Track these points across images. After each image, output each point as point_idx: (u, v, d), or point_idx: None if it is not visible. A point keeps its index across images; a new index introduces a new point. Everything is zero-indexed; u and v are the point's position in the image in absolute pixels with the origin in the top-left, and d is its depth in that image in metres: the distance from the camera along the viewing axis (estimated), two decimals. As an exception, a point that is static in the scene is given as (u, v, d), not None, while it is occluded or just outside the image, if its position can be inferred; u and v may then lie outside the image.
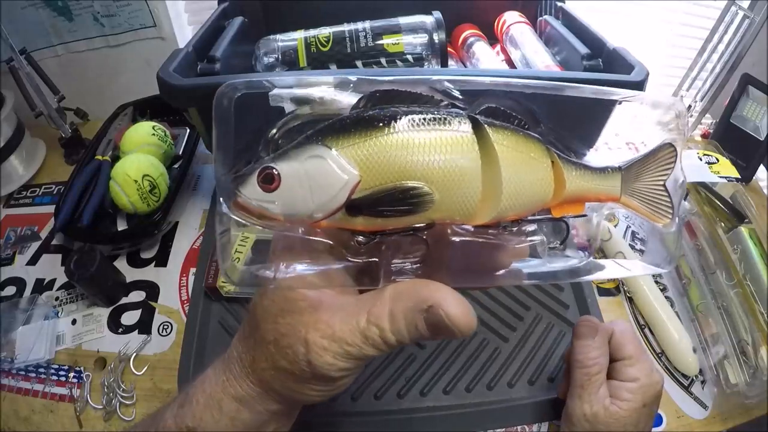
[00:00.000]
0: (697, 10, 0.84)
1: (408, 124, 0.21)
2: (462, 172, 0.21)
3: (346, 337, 0.23)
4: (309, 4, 0.66)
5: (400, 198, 0.21)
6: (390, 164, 0.21)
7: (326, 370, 0.23)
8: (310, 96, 0.23)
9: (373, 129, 0.21)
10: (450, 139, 0.21)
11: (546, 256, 0.26)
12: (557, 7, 0.64)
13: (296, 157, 0.21)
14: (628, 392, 0.37)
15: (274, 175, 0.21)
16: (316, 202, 0.21)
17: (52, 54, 0.77)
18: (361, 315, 0.23)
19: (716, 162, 0.69)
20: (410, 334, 0.23)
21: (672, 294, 0.56)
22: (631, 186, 0.25)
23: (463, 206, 0.22)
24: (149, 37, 0.78)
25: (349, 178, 0.21)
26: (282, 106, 0.23)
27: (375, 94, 0.22)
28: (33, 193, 0.71)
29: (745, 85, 0.70)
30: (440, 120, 0.21)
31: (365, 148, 0.21)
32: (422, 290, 0.23)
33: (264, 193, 0.21)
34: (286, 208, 0.21)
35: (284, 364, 0.24)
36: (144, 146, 0.63)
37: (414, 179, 0.21)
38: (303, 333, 0.23)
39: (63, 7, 0.73)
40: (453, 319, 0.22)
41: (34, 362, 0.50)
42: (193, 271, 0.58)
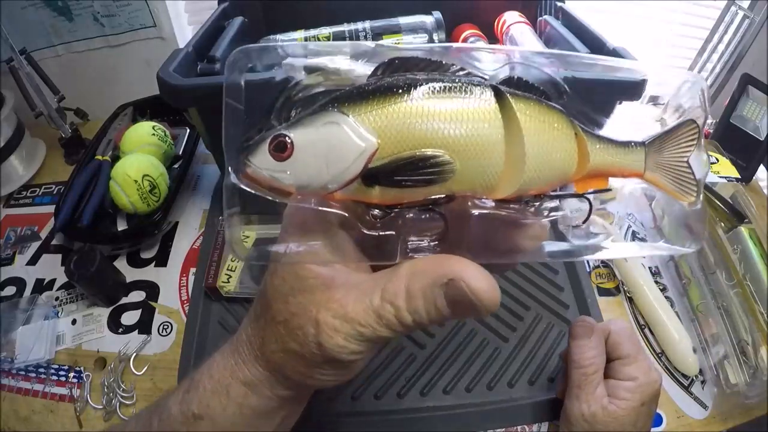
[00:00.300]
0: (697, 10, 0.84)
1: (428, 92, 0.20)
2: (484, 141, 0.20)
3: (359, 318, 0.22)
4: (309, 4, 0.66)
5: (419, 167, 0.20)
6: (409, 132, 0.20)
7: (337, 352, 0.22)
8: (326, 66, 0.22)
9: (393, 96, 0.20)
10: (471, 108, 0.20)
11: (569, 234, 0.25)
12: (557, 7, 0.64)
13: (310, 125, 0.20)
14: (626, 391, 0.37)
15: (286, 143, 0.20)
16: (331, 171, 0.20)
17: (52, 54, 0.77)
18: (375, 293, 0.22)
19: (716, 162, 0.69)
20: (429, 313, 0.21)
21: (672, 294, 0.56)
22: (655, 161, 0.24)
23: (484, 177, 0.21)
24: (149, 37, 0.78)
25: (367, 145, 0.19)
26: (294, 76, 0.22)
27: (394, 61, 0.21)
28: (33, 193, 0.71)
29: (745, 85, 0.70)
30: (461, 88, 0.20)
31: (384, 115, 0.20)
32: (442, 264, 0.21)
33: (276, 162, 0.20)
34: (298, 179, 0.20)
35: (294, 347, 0.23)
36: (144, 146, 0.63)
37: (434, 148, 0.20)
38: (314, 313, 0.22)
39: (63, 7, 0.73)
40: (477, 293, 0.20)
41: (34, 362, 0.50)
42: (193, 271, 0.58)
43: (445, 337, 0.49)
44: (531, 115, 0.21)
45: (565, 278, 0.55)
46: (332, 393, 0.45)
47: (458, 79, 0.21)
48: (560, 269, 0.56)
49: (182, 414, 0.26)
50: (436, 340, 0.49)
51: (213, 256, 0.54)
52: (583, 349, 0.39)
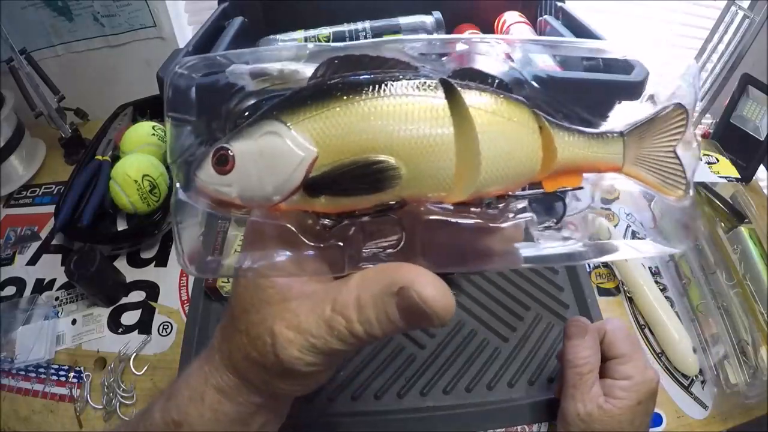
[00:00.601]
0: (697, 10, 0.84)
1: (369, 92, 0.19)
2: (432, 142, 0.19)
3: (311, 329, 0.21)
4: (309, 4, 0.66)
5: (362, 174, 0.19)
6: (350, 137, 0.18)
7: (293, 364, 0.21)
8: (269, 70, 0.21)
9: (330, 99, 0.19)
10: (416, 106, 0.19)
11: (542, 238, 0.23)
12: (557, 7, 0.64)
13: (250, 135, 0.19)
14: (622, 390, 0.37)
15: (228, 156, 0.19)
16: (273, 182, 0.19)
17: (52, 54, 0.77)
18: (326, 303, 0.21)
19: (716, 162, 0.69)
20: (381, 324, 0.20)
21: (672, 294, 0.56)
22: (636, 153, 0.22)
23: (436, 181, 0.19)
24: (149, 37, 0.78)
25: (305, 154, 0.19)
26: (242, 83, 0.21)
27: (333, 60, 0.20)
28: (33, 193, 0.71)
29: (745, 85, 0.70)
30: (405, 84, 0.19)
31: (321, 120, 0.19)
32: (392, 272, 0.20)
33: (219, 176, 0.19)
34: (242, 191, 0.19)
35: (255, 356, 0.23)
36: (144, 146, 0.63)
37: (377, 152, 0.18)
38: (270, 323, 0.22)
39: (63, 7, 0.73)
40: (428, 302, 0.19)
41: (34, 362, 0.50)
42: (193, 271, 0.58)
43: (445, 337, 0.49)
44: (485, 110, 0.19)
45: (565, 278, 0.55)
46: (332, 393, 0.45)
47: (401, 76, 0.19)
48: (560, 269, 0.56)
49: (163, 420, 0.26)
50: (436, 340, 0.49)
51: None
52: (577, 348, 0.40)
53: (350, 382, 0.46)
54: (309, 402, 0.45)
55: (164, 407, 0.27)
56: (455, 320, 0.51)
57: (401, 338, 0.49)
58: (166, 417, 0.26)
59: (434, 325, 0.20)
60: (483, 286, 0.54)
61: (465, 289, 0.53)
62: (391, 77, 0.19)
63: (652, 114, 0.22)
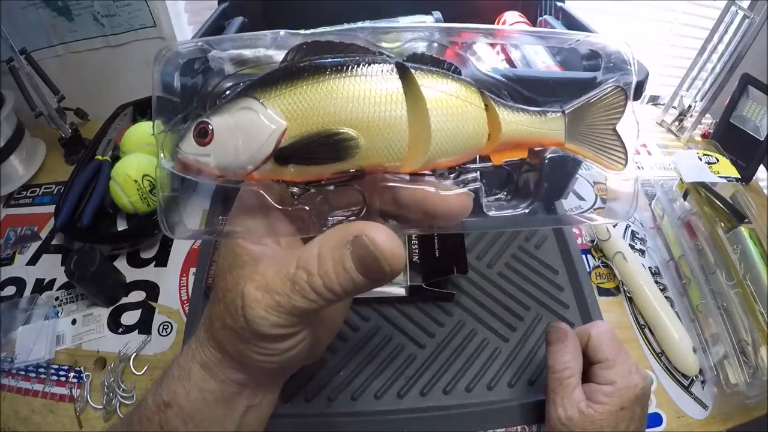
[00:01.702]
0: (697, 10, 0.84)
1: (333, 72, 0.21)
2: (387, 117, 0.21)
3: (277, 287, 0.22)
4: (309, 4, 0.66)
5: (325, 144, 0.21)
6: (315, 112, 0.21)
7: (258, 324, 0.22)
8: (246, 56, 0.24)
9: (299, 79, 0.21)
10: (373, 85, 0.21)
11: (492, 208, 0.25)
12: (557, 7, 0.64)
13: (227, 111, 0.21)
14: (604, 395, 0.37)
15: (207, 129, 0.21)
16: (246, 153, 0.21)
17: (52, 54, 0.77)
18: (291, 262, 0.22)
19: (716, 162, 0.69)
20: (338, 275, 0.22)
21: (672, 294, 0.56)
22: (577, 130, 0.24)
23: (391, 152, 0.22)
24: (149, 37, 0.78)
25: (276, 126, 0.21)
26: (222, 67, 0.24)
27: (302, 46, 0.22)
28: (33, 193, 0.71)
29: (745, 85, 0.70)
30: (364, 66, 0.21)
31: (291, 96, 0.21)
32: (348, 226, 0.22)
33: (199, 147, 0.21)
34: (219, 161, 0.21)
35: (230, 322, 0.24)
36: (144, 146, 0.63)
37: (339, 125, 0.21)
38: (242, 286, 0.23)
39: (63, 7, 0.73)
40: (379, 246, 0.21)
41: (34, 362, 0.50)
42: (193, 271, 0.58)
43: (445, 337, 0.49)
44: (435, 89, 0.21)
45: (565, 278, 0.55)
46: (332, 393, 0.45)
47: (362, 59, 0.21)
48: (560, 269, 0.56)
49: (155, 403, 0.27)
50: (436, 340, 0.49)
51: (213, 256, 0.54)
52: (557, 354, 0.40)
53: (350, 382, 0.46)
54: (309, 402, 0.45)
55: (156, 391, 0.27)
56: (455, 320, 0.51)
57: (401, 338, 0.49)
58: (158, 399, 0.26)
59: (384, 273, 0.22)
60: (483, 286, 0.54)
61: (465, 289, 0.53)
62: (353, 61, 0.21)
63: (592, 93, 0.24)
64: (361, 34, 0.23)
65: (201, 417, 0.26)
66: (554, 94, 0.24)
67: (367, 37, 0.23)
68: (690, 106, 0.78)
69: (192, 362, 0.26)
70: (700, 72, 0.76)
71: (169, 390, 0.26)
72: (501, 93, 0.23)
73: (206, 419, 0.26)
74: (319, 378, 0.46)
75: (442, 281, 0.51)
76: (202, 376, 0.26)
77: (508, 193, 0.25)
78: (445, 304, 0.52)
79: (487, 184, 0.25)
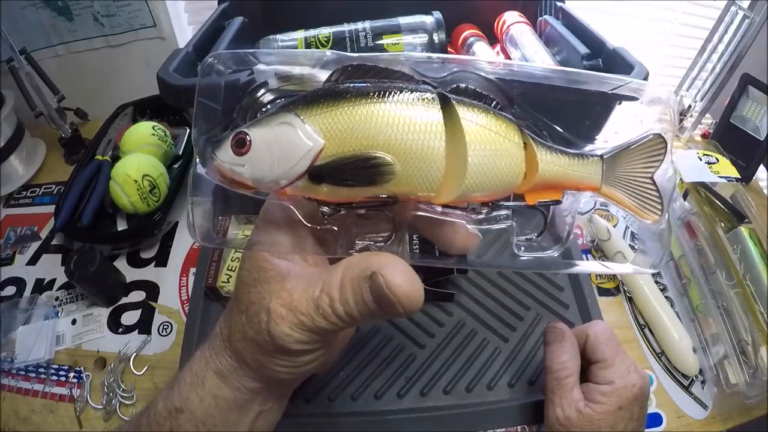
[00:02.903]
0: (697, 10, 0.84)
1: (374, 97, 0.21)
2: (424, 146, 0.21)
3: (302, 307, 0.23)
4: (309, 4, 0.66)
5: (361, 167, 0.21)
6: (354, 134, 0.21)
7: (283, 340, 0.23)
8: (291, 72, 0.24)
9: (341, 100, 0.21)
10: (415, 113, 0.21)
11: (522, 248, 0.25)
12: (557, 7, 0.64)
13: (267, 124, 0.22)
14: (602, 395, 0.37)
15: (246, 140, 0.21)
16: (282, 167, 0.21)
17: (52, 54, 0.77)
18: (317, 284, 0.23)
19: (716, 162, 0.69)
20: (357, 304, 0.22)
21: (672, 294, 0.56)
22: (614, 175, 0.24)
23: (425, 181, 0.21)
24: (149, 37, 0.78)
25: (314, 144, 0.21)
26: (266, 80, 0.24)
27: (347, 68, 0.22)
28: (33, 193, 0.71)
29: (745, 85, 0.70)
30: (406, 93, 0.21)
31: (331, 116, 0.21)
32: (369, 258, 0.22)
33: (235, 156, 0.21)
34: (254, 173, 0.21)
35: (252, 334, 0.24)
36: (144, 146, 0.63)
37: (376, 150, 0.21)
38: (267, 301, 0.24)
39: (63, 7, 0.73)
40: (392, 287, 0.21)
41: (34, 362, 0.50)
42: (193, 271, 0.58)
43: (445, 337, 0.49)
44: (476, 123, 0.21)
45: (565, 278, 0.55)
46: (332, 393, 0.45)
47: (405, 86, 0.22)
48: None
49: (166, 409, 0.27)
50: (436, 340, 0.49)
51: (213, 256, 0.54)
52: (555, 354, 0.39)
53: (350, 382, 0.46)
54: (309, 402, 0.45)
55: (167, 396, 0.28)
56: (455, 320, 0.51)
57: (401, 338, 0.49)
58: (169, 405, 0.27)
59: (399, 313, 0.22)
60: (483, 286, 0.54)
61: (465, 289, 0.53)
62: (396, 87, 0.21)
63: (632, 140, 0.23)
64: (404, 60, 0.23)
65: (213, 422, 0.27)
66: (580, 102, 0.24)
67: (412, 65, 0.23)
68: (690, 106, 0.78)
69: (206, 370, 0.27)
70: (700, 72, 0.75)
71: (182, 396, 0.27)
72: (540, 132, 0.23)
73: (218, 425, 0.27)
74: (319, 378, 0.46)
75: (442, 281, 0.51)
76: (216, 383, 0.26)
77: (538, 234, 0.25)
78: (445, 304, 0.52)
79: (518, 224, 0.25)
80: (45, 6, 0.72)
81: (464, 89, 0.22)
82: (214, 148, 0.22)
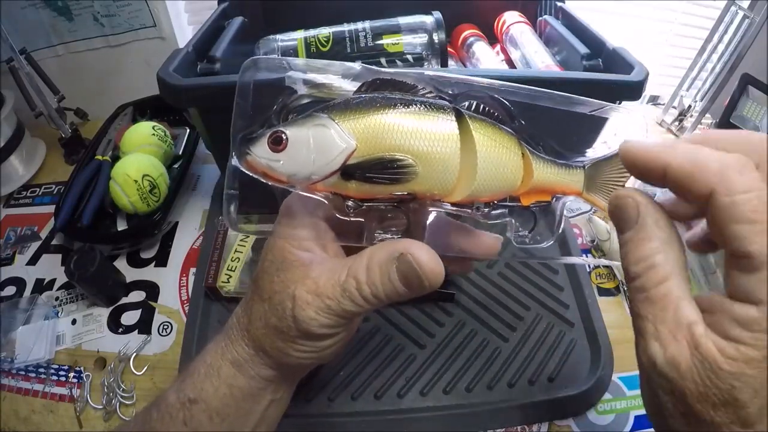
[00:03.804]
0: (697, 10, 0.84)
1: (401, 108, 0.24)
2: (443, 151, 0.24)
3: (328, 291, 0.25)
4: (309, 4, 0.66)
5: (387, 166, 0.24)
6: (383, 138, 0.24)
7: (308, 324, 0.25)
8: (319, 81, 0.26)
9: (372, 108, 0.24)
10: (435, 124, 0.24)
11: (516, 240, 0.29)
12: (557, 7, 0.64)
13: (303, 125, 0.24)
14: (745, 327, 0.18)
15: (282, 138, 0.23)
16: (316, 164, 0.24)
17: (52, 54, 0.77)
18: (342, 271, 0.25)
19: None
20: (384, 285, 0.25)
21: (672, 294, 0.56)
22: (594, 183, 0.27)
23: (442, 182, 0.25)
24: (149, 37, 0.78)
25: (347, 145, 0.23)
26: (295, 87, 0.26)
27: (376, 81, 0.25)
28: (33, 193, 0.71)
29: (745, 85, 0.70)
30: (428, 107, 0.25)
31: (363, 122, 0.24)
32: (396, 243, 0.25)
33: (272, 152, 0.24)
34: (289, 168, 0.24)
35: (274, 321, 0.26)
36: (144, 146, 0.63)
37: (402, 152, 0.24)
38: (292, 289, 0.25)
39: (63, 7, 0.73)
40: (422, 265, 0.24)
41: (34, 362, 0.50)
42: (193, 271, 0.58)
43: (445, 337, 0.49)
44: (484, 134, 0.25)
45: (565, 278, 0.55)
46: (332, 393, 0.45)
47: (426, 101, 0.25)
48: (560, 269, 0.56)
49: (179, 401, 0.28)
50: (436, 340, 0.49)
51: (213, 256, 0.54)
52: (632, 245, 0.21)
53: (350, 382, 0.46)
54: (309, 402, 0.45)
55: (179, 388, 0.28)
56: (455, 320, 0.51)
57: (401, 338, 0.49)
58: (182, 397, 0.28)
59: (425, 287, 0.25)
60: (483, 286, 0.54)
61: (465, 289, 0.53)
62: (419, 101, 0.25)
63: (609, 153, 0.27)
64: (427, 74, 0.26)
65: (227, 412, 0.28)
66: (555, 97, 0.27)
67: (432, 82, 0.26)
68: (690, 106, 0.78)
69: (222, 360, 0.28)
70: (700, 72, 0.76)
71: (196, 387, 0.28)
72: (536, 145, 0.27)
73: (232, 414, 0.28)
74: (319, 378, 0.46)
75: (442, 281, 0.51)
76: (231, 373, 0.28)
77: (530, 231, 0.29)
78: (445, 304, 0.52)
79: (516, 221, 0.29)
80: (45, 6, 0.72)
81: (475, 106, 0.26)
82: (250, 145, 0.24)
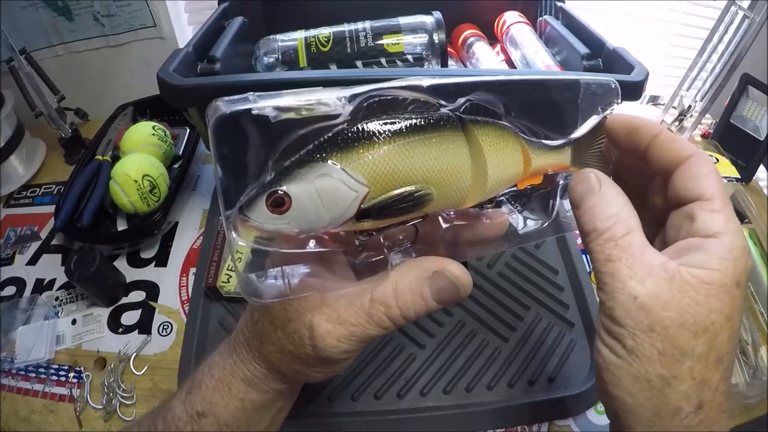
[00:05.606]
0: (697, 10, 0.84)
1: (407, 134, 0.23)
2: (455, 170, 0.24)
3: (351, 319, 0.25)
4: (309, 4, 0.66)
5: (405, 201, 0.23)
6: (393, 173, 0.22)
7: (330, 352, 0.25)
8: (292, 106, 0.23)
9: (375, 142, 0.22)
10: (443, 142, 0.23)
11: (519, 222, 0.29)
12: (557, 7, 0.64)
13: (305, 178, 0.22)
14: (708, 254, 0.20)
15: (284, 199, 0.21)
16: (329, 217, 0.22)
17: (52, 54, 0.77)
18: (364, 297, 0.25)
19: (716, 162, 0.69)
20: (415, 304, 0.25)
21: (672, 294, 0.56)
22: (581, 156, 0.28)
23: (455, 197, 0.24)
24: (149, 37, 0.78)
25: (359, 192, 0.22)
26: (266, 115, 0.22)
27: (372, 104, 0.23)
28: (33, 193, 0.71)
29: (745, 85, 0.70)
30: (432, 125, 0.23)
31: (370, 161, 0.22)
32: (424, 262, 0.25)
33: (275, 216, 0.21)
34: (300, 226, 0.22)
35: (290, 348, 0.26)
36: (144, 146, 0.63)
37: (416, 183, 0.23)
38: (309, 318, 0.25)
39: (63, 7, 0.73)
40: (459, 279, 0.25)
41: (34, 362, 0.50)
42: (193, 271, 0.58)
43: (445, 337, 0.49)
44: (490, 141, 0.25)
45: (565, 278, 0.55)
46: (332, 393, 0.45)
47: (427, 114, 0.23)
48: (560, 269, 0.56)
49: (186, 413, 0.28)
50: (436, 340, 0.49)
51: (213, 256, 0.54)
52: (592, 211, 0.23)
53: (350, 382, 0.46)
54: (309, 402, 0.45)
55: (186, 400, 0.29)
56: (455, 320, 0.51)
57: (401, 338, 0.49)
58: (190, 409, 0.28)
59: (461, 298, 0.26)
60: (483, 286, 0.54)
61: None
62: (423, 119, 0.23)
63: (591, 126, 0.28)
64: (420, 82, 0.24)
65: (237, 424, 0.28)
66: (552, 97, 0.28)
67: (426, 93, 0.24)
68: (690, 106, 0.78)
69: (232, 377, 0.28)
70: (700, 72, 0.75)
71: (204, 400, 0.28)
72: (529, 132, 0.27)
73: (242, 426, 0.28)
74: (319, 378, 0.46)
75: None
76: (243, 389, 0.28)
77: (522, 205, 0.29)
78: (445, 304, 0.52)
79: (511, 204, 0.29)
80: (45, 6, 0.72)
81: (475, 106, 0.25)
82: (245, 211, 0.22)
